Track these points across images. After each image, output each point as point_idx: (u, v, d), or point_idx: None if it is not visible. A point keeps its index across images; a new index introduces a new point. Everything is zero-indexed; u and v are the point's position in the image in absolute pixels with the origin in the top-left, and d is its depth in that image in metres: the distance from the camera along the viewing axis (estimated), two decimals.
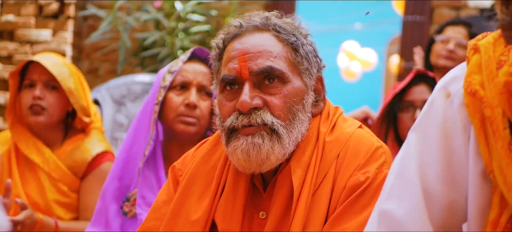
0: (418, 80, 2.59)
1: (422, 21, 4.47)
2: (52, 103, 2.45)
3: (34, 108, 2.42)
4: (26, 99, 2.44)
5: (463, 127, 1.01)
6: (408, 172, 1.04)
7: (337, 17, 9.23)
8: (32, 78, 2.45)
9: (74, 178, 2.46)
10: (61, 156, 2.47)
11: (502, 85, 0.93)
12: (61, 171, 2.44)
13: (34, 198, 2.41)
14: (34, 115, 2.43)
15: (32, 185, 2.43)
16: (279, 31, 1.48)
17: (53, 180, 2.43)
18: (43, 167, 2.43)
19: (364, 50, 8.91)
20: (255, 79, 1.44)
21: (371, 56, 8.91)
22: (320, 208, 1.40)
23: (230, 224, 1.44)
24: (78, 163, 2.46)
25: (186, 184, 1.53)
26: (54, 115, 2.47)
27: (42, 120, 2.44)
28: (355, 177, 1.39)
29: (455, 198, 1.01)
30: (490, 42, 1.01)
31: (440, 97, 1.05)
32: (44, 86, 2.44)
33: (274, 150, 1.41)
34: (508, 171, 0.91)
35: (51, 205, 2.41)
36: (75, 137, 2.53)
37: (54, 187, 2.43)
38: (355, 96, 8.90)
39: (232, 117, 1.44)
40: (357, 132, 1.48)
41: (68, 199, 2.45)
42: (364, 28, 9.28)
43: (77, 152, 2.47)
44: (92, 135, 2.53)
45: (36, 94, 2.41)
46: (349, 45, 8.92)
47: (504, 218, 0.95)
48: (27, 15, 4.80)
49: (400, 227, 1.01)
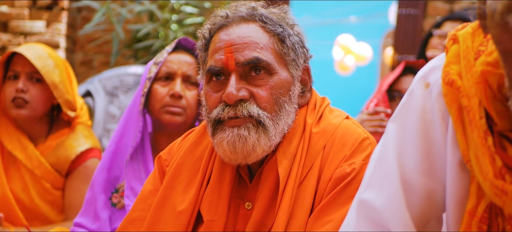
0: (408, 71, 2.62)
1: (416, 14, 4.47)
2: (35, 96, 2.38)
3: (16, 100, 2.36)
4: (9, 91, 2.38)
5: (441, 117, 1.01)
6: (387, 162, 1.04)
7: (332, 10, 9.23)
8: (15, 70, 2.38)
9: (57, 176, 2.41)
10: (45, 152, 2.41)
11: (479, 74, 0.93)
12: (44, 168, 2.38)
13: (18, 195, 2.36)
14: (16, 107, 2.37)
15: (16, 181, 2.38)
16: (265, 22, 1.48)
17: (36, 177, 2.38)
18: (26, 163, 2.37)
19: (359, 44, 8.91)
20: (241, 70, 1.44)
21: (366, 50, 8.91)
22: (306, 199, 1.40)
23: (216, 214, 1.44)
24: (62, 161, 2.41)
25: (172, 174, 1.53)
26: (38, 109, 2.40)
27: (24, 113, 2.38)
28: (341, 168, 1.39)
29: (434, 187, 1.02)
30: (468, 32, 1.01)
31: (419, 87, 1.05)
32: (28, 78, 2.38)
33: (260, 142, 1.41)
34: (484, 161, 0.91)
35: (36, 202, 2.36)
36: (60, 131, 2.47)
37: (37, 184, 2.38)
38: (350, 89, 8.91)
39: (218, 108, 1.43)
40: (344, 123, 1.48)
41: (52, 196, 2.40)
42: (359, 21, 9.28)
43: (61, 149, 2.41)
44: (78, 130, 2.47)
45: (19, 86, 2.35)
46: (344, 38, 8.92)
47: (481, 207, 0.95)
48: (21, 6, 4.79)
49: (379, 217, 1.01)
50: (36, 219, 2.38)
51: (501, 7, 0.83)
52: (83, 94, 3.72)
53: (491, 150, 0.91)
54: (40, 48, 2.44)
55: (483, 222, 0.95)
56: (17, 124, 2.43)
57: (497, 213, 0.95)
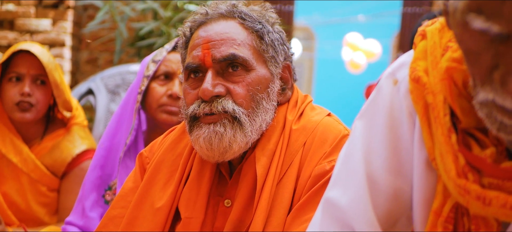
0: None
1: (421, 13, 4.43)
2: (40, 100, 2.33)
3: (22, 104, 2.30)
4: (12, 93, 2.31)
5: (409, 114, 0.99)
6: (353, 159, 1.02)
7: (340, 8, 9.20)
8: (19, 71, 2.31)
9: (53, 178, 2.37)
10: (40, 153, 2.37)
11: (444, 71, 0.91)
12: (40, 171, 2.34)
13: (13, 198, 2.32)
14: (21, 111, 2.31)
15: (11, 184, 2.33)
16: (244, 19, 1.47)
17: (32, 180, 2.33)
18: (21, 167, 2.32)
19: (368, 41, 8.88)
20: (218, 66, 1.43)
21: (375, 47, 8.87)
22: (285, 197, 1.38)
23: (194, 211, 1.43)
24: (58, 163, 2.37)
25: (152, 171, 1.53)
26: (41, 111, 2.36)
27: (29, 117, 2.32)
28: (320, 165, 1.38)
29: (401, 186, 1.00)
30: (437, 28, 0.99)
31: (387, 83, 1.03)
32: (33, 81, 2.32)
33: (236, 138, 1.40)
34: (447, 159, 0.89)
35: (31, 205, 2.33)
36: (56, 132, 2.43)
37: (33, 188, 2.34)
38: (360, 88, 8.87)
39: (195, 105, 1.43)
40: (325, 120, 1.47)
41: (48, 199, 2.36)
42: (367, 20, 9.24)
43: (57, 151, 2.37)
44: (74, 131, 2.43)
45: (26, 90, 2.29)
46: (352, 36, 8.89)
47: (447, 207, 0.93)
48: (27, 4, 4.81)
49: (343, 215, 0.99)
50: (30, 221, 2.35)
51: (462, 6, 0.81)
52: (85, 92, 3.73)
53: (454, 148, 0.89)
54: (39, 46, 2.38)
55: (449, 222, 0.92)
56: (11, 126, 2.37)
57: (463, 213, 0.92)
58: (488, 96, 0.81)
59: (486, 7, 0.77)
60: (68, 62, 4.76)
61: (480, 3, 0.78)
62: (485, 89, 0.81)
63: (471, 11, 0.80)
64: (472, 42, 0.81)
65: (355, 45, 8.78)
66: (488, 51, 0.79)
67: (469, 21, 0.80)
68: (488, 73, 0.80)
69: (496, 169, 0.86)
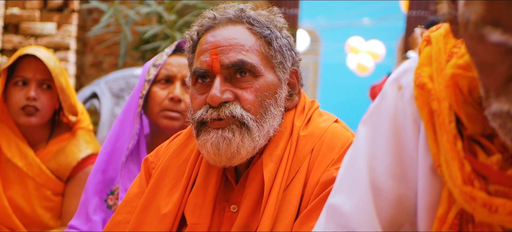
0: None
1: (426, 16, 4.43)
2: (45, 104, 2.35)
3: (27, 109, 2.32)
4: (18, 98, 2.32)
5: (413, 121, 0.99)
6: (357, 165, 1.01)
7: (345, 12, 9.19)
8: (24, 76, 2.32)
9: (58, 182, 2.37)
10: (45, 157, 2.38)
11: (449, 77, 0.91)
12: (45, 176, 2.35)
13: (18, 202, 2.32)
14: (27, 115, 2.32)
15: (16, 188, 2.33)
16: (252, 24, 1.46)
17: (38, 184, 2.34)
18: (27, 172, 2.33)
19: (370, 42, 8.87)
20: (226, 72, 1.42)
21: (378, 48, 8.86)
22: (292, 203, 1.38)
23: (200, 217, 1.43)
24: (63, 167, 2.37)
25: (158, 177, 1.52)
26: (46, 116, 2.38)
27: (34, 121, 2.34)
28: (328, 172, 1.37)
29: (405, 193, 0.99)
30: (441, 34, 0.98)
31: (391, 89, 1.02)
32: (38, 85, 2.33)
33: (244, 144, 1.40)
34: (453, 166, 0.88)
35: (37, 209, 2.33)
36: (61, 136, 2.44)
37: (38, 192, 2.34)
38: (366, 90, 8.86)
39: (202, 109, 1.42)
40: (333, 127, 1.46)
41: (52, 203, 2.37)
42: (372, 23, 9.23)
43: (62, 155, 2.38)
44: (79, 136, 2.43)
45: (31, 95, 2.30)
46: (354, 41, 8.88)
47: (452, 213, 0.92)
48: (31, 8, 4.83)
49: (347, 222, 0.98)
50: (35, 225, 2.35)
51: (475, 18, 0.78)
52: (89, 95, 3.74)
53: (460, 155, 0.88)
54: (45, 50, 2.39)
55: (454, 229, 0.92)
56: (16, 130, 2.38)
57: (468, 219, 0.92)
58: (503, 107, 0.78)
59: (504, 20, 0.74)
60: (73, 65, 4.78)
61: (497, 15, 0.75)
62: (500, 100, 0.79)
63: (487, 23, 0.76)
64: (487, 55, 0.78)
65: (357, 48, 8.77)
66: (504, 63, 0.76)
67: (485, 34, 0.76)
68: (504, 84, 0.77)
69: (502, 176, 0.85)
